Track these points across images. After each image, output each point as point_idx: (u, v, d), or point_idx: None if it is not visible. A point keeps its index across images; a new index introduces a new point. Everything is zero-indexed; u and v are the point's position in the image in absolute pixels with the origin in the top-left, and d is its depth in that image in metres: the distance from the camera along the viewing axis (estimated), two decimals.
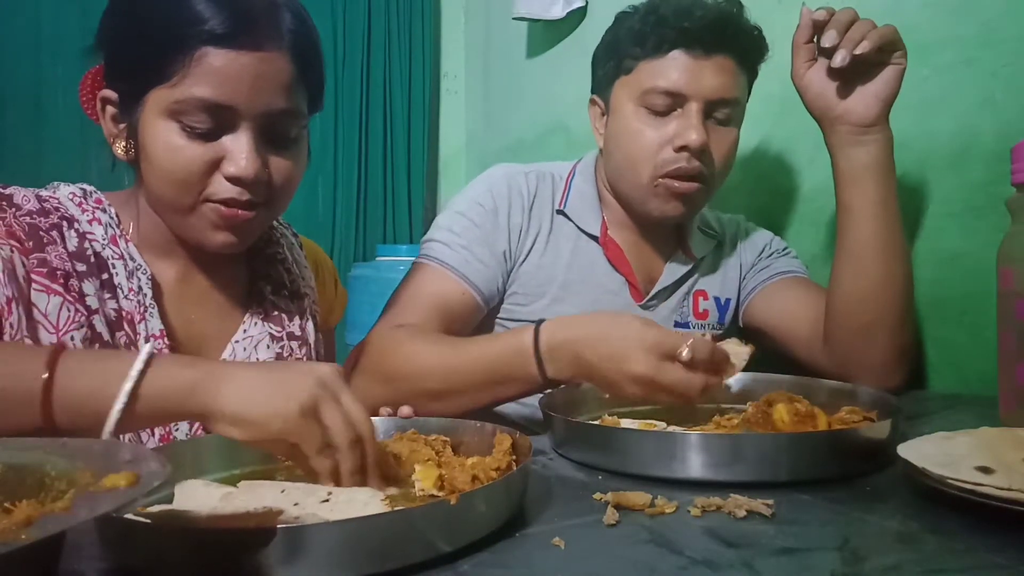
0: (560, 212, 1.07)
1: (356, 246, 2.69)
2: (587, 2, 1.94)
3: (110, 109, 0.74)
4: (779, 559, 0.45)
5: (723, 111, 0.97)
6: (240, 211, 0.72)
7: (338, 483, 0.54)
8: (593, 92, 1.08)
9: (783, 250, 1.13)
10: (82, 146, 2.16)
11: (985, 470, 0.51)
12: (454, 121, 2.92)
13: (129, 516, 0.47)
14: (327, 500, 0.52)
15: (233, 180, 0.70)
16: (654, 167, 0.97)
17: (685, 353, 0.67)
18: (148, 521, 0.47)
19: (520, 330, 0.79)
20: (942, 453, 0.55)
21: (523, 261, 1.05)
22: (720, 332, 1.12)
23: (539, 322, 0.78)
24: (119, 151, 0.74)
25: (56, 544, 0.41)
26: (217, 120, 0.69)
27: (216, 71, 0.67)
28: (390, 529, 0.43)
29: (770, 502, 0.53)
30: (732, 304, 1.13)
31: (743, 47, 0.98)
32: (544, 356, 0.76)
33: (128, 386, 0.51)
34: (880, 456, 0.62)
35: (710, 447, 0.59)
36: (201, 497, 0.53)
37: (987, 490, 0.49)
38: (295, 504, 0.51)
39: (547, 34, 2.15)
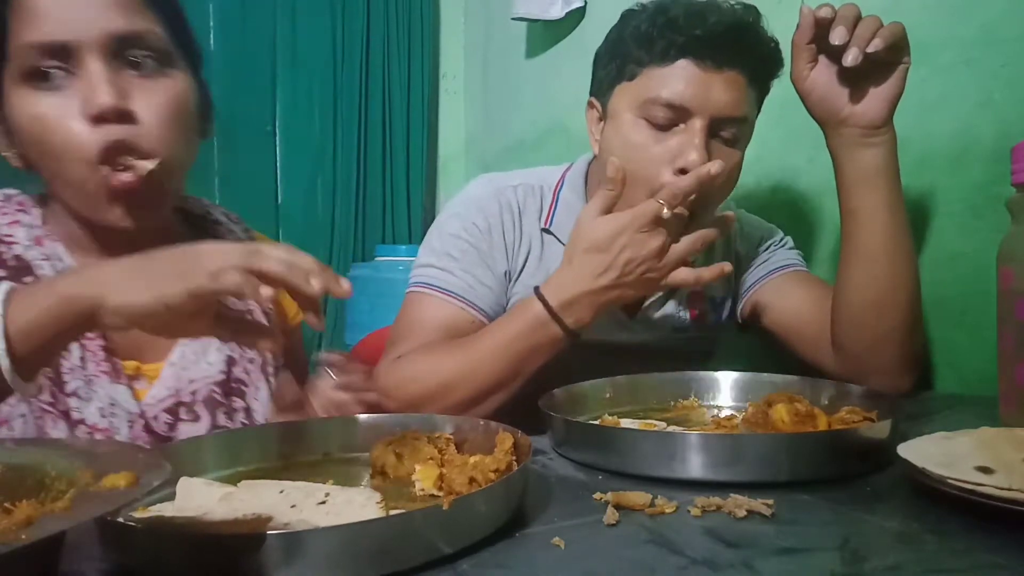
0: (545, 230, 1.03)
1: (355, 246, 2.69)
2: (586, 2, 1.95)
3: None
4: (779, 559, 0.45)
5: (730, 130, 0.90)
6: (123, 176, 0.66)
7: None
8: (592, 94, 1.01)
9: (780, 241, 1.10)
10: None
11: (985, 470, 0.51)
12: (453, 121, 2.93)
13: (123, 520, 0.47)
14: (324, 502, 0.52)
15: (97, 120, 0.65)
16: (650, 189, 0.88)
17: (665, 212, 0.76)
18: (141, 526, 0.47)
19: (526, 304, 0.83)
20: (942, 453, 0.55)
21: (516, 280, 1.02)
22: (716, 331, 1.11)
23: (535, 289, 0.82)
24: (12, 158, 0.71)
25: (56, 544, 0.41)
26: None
27: None
28: (386, 534, 0.43)
29: (770, 502, 0.53)
30: (729, 300, 1.10)
31: (758, 62, 0.90)
32: (562, 313, 0.81)
33: None
34: (880, 456, 0.62)
35: (710, 447, 0.59)
36: (201, 496, 0.53)
37: (987, 490, 0.49)
38: (292, 506, 0.51)
39: (546, 34, 2.15)
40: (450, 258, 0.98)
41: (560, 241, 1.02)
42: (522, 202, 1.03)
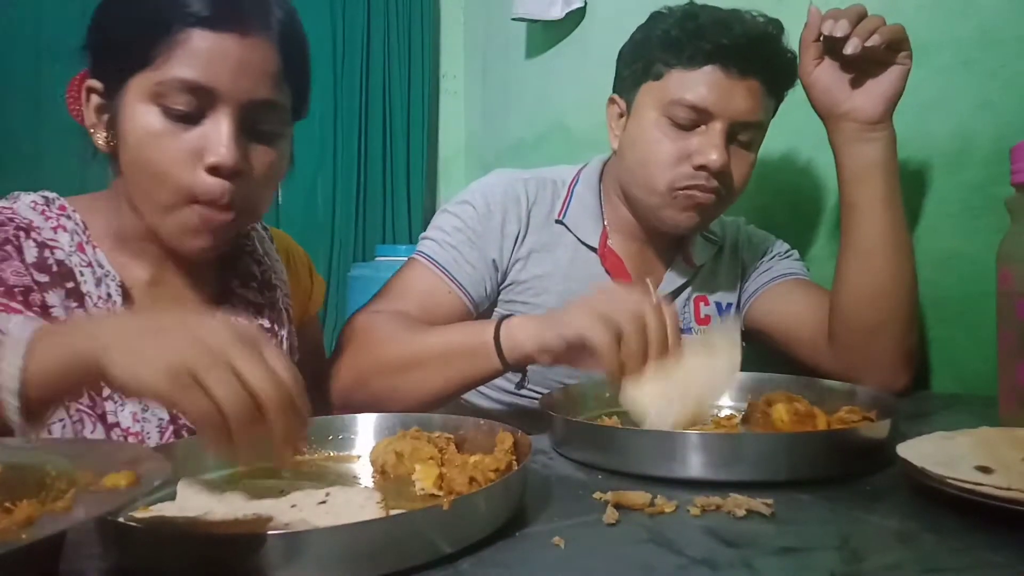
0: (559, 222, 1.06)
1: (355, 246, 2.70)
2: (586, 2, 1.94)
3: (94, 99, 0.73)
4: (779, 558, 0.45)
5: (746, 134, 0.95)
6: (220, 214, 0.70)
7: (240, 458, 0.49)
8: (615, 91, 1.05)
9: (785, 252, 1.12)
10: (82, 147, 2.16)
11: (984, 470, 0.51)
12: (453, 121, 2.93)
13: (123, 520, 0.47)
14: (324, 502, 0.52)
15: (213, 170, 0.68)
16: (670, 180, 0.95)
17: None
18: (141, 526, 0.47)
19: (483, 325, 0.81)
20: (941, 453, 0.55)
21: (519, 270, 1.04)
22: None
23: (503, 319, 0.80)
24: (99, 141, 0.73)
25: (56, 544, 0.41)
26: (198, 104, 0.68)
27: (199, 52, 0.67)
28: (387, 533, 0.43)
29: (769, 501, 0.53)
30: (733, 308, 1.12)
31: (776, 72, 0.96)
32: (505, 350, 0.78)
33: (14, 375, 0.48)
34: (879, 456, 0.63)
35: (710, 447, 0.59)
36: (201, 496, 0.53)
37: (986, 490, 0.49)
38: (292, 506, 0.51)
39: (546, 34, 2.15)
40: (442, 232, 1.02)
41: (571, 231, 1.06)
42: (532, 195, 1.06)
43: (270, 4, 0.71)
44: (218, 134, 0.68)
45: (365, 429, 0.68)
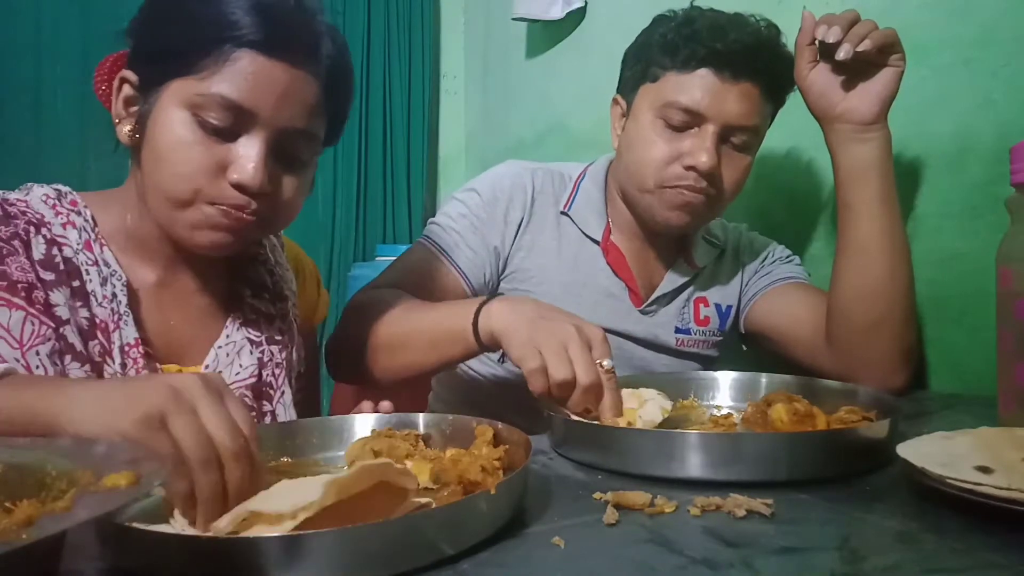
0: (564, 214, 1.08)
1: (356, 246, 2.70)
2: (586, 2, 1.94)
3: (126, 89, 0.72)
4: (779, 558, 0.45)
5: (740, 137, 0.96)
6: (243, 214, 0.70)
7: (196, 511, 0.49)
8: (618, 91, 1.07)
9: (786, 257, 1.13)
10: (81, 146, 2.16)
11: (984, 470, 0.51)
12: (453, 121, 2.93)
13: (124, 522, 0.47)
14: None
15: (237, 187, 0.68)
16: (660, 180, 0.97)
17: (606, 363, 0.71)
18: (140, 527, 0.47)
19: (467, 305, 0.82)
20: (941, 453, 0.55)
21: (522, 259, 1.06)
22: (720, 339, 1.13)
23: (486, 300, 0.81)
24: (124, 134, 0.72)
25: (56, 544, 0.41)
26: (234, 122, 0.68)
27: (246, 74, 0.67)
28: (388, 535, 0.43)
29: (769, 501, 0.53)
30: (733, 311, 1.13)
31: (773, 76, 0.96)
32: (481, 333, 0.80)
33: None
34: (879, 456, 0.63)
35: (709, 447, 0.59)
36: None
37: (986, 490, 0.49)
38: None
39: (546, 34, 2.15)
40: (447, 218, 1.05)
41: (575, 223, 1.08)
42: (539, 185, 1.09)
43: (322, 37, 0.72)
44: (249, 155, 0.68)
45: (336, 430, 0.68)
